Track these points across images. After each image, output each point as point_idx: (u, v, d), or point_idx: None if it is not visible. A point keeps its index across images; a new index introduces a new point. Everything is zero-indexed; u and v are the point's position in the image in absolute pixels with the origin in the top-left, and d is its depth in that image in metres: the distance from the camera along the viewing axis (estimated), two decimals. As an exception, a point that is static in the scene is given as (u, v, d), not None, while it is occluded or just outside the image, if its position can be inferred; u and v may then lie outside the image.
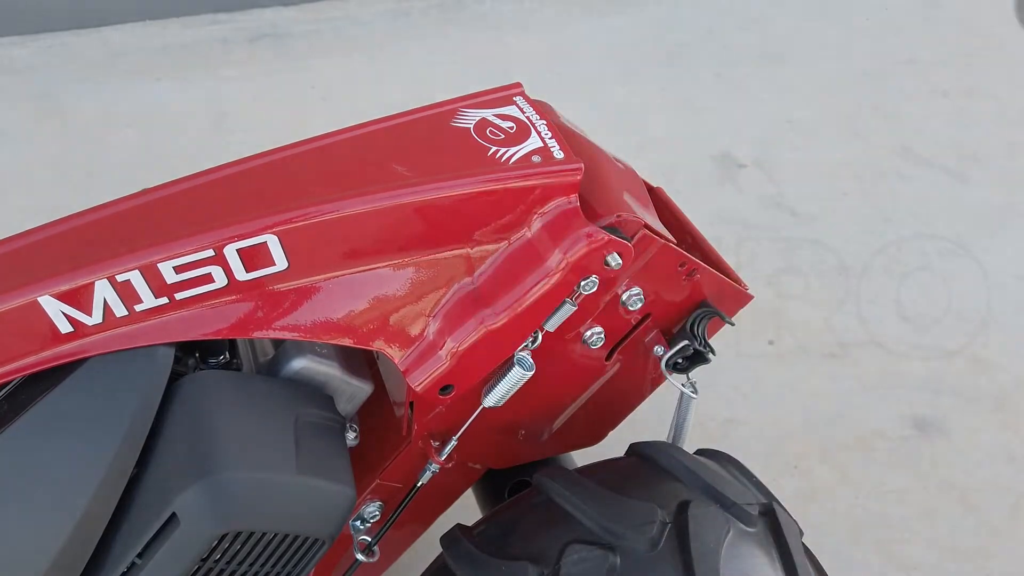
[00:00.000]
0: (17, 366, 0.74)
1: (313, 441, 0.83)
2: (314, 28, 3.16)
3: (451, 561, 0.90)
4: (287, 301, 0.79)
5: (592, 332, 0.93)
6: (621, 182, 0.94)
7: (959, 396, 1.95)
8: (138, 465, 0.76)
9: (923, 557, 1.69)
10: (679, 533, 0.83)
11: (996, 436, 1.90)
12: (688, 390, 0.99)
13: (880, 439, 1.89)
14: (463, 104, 0.88)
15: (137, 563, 0.75)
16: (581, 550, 0.82)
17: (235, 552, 0.78)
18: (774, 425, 1.89)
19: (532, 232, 0.83)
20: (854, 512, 1.76)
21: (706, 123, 2.80)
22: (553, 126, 0.86)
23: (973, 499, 1.79)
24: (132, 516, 0.75)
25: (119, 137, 2.60)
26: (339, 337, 0.82)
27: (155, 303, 0.75)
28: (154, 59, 2.94)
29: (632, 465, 0.98)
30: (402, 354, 0.84)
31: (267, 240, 0.75)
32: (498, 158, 0.81)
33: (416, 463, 1.01)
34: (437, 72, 2.96)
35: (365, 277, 0.80)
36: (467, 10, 3.27)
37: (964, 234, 2.38)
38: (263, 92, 2.83)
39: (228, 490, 0.74)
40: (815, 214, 2.47)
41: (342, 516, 0.84)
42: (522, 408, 0.99)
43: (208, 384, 0.80)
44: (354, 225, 0.77)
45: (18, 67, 2.87)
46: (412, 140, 0.84)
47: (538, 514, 0.91)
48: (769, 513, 0.92)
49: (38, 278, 0.71)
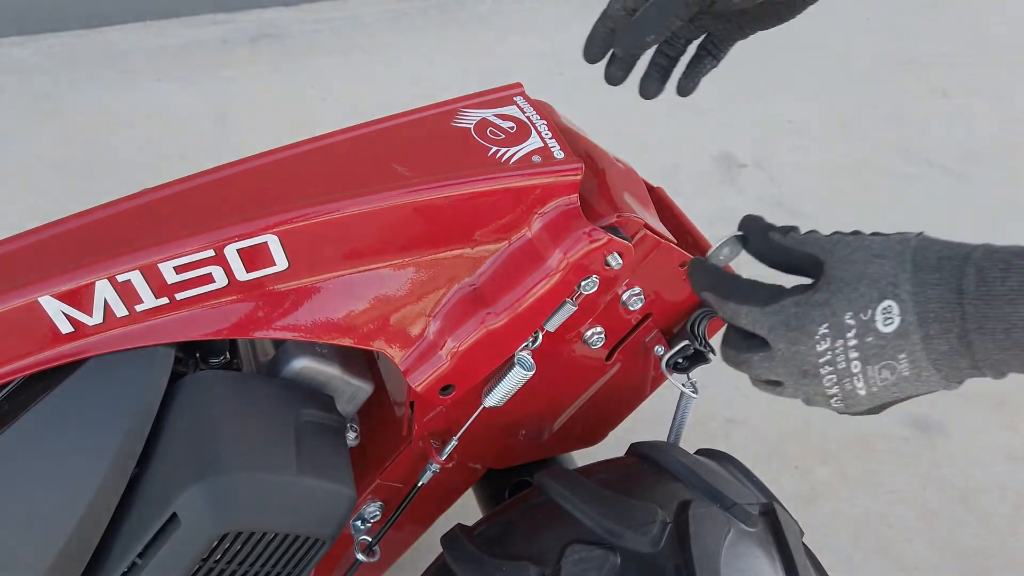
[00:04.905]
0: (17, 366, 0.74)
1: (313, 441, 0.83)
2: (314, 28, 3.16)
3: (451, 561, 0.90)
4: (287, 301, 0.79)
5: (592, 332, 0.93)
6: (621, 182, 0.94)
7: (959, 396, 1.94)
8: (139, 465, 0.76)
9: (923, 557, 1.69)
10: (679, 533, 0.83)
11: (996, 436, 1.90)
12: (688, 390, 0.99)
13: (880, 439, 1.90)
14: (463, 104, 0.88)
15: (137, 563, 0.75)
16: (581, 550, 0.82)
17: (236, 552, 0.78)
18: (774, 425, 1.89)
19: (532, 232, 0.83)
20: (854, 512, 1.76)
21: (706, 123, 2.80)
22: (553, 126, 0.86)
23: (973, 499, 1.79)
24: (132, 516, 0.75)
25: (119, 137, 2.60)
26: (339, 337, 0.82)
27: (156, 303, 0.75)
28: (154, 59, 2.95)
29: (632, 465, 0.98)
30: (402, 354, 0.84)
31: (267, 240, 0.75)
32: (498, 158, 0.81)
33: (416, 463, 1.01)
34: (437, 72, 2.96)
35: (365, 277, 0.81)
36: (467, 10, 3.27)
37: (964, 234, 2.37)
38: (263, 92, 2.83)
39: (229, 490, 0.74)
40: (815, 214, 2.47)
41: (343, 516, 0.84)
42: (522, 408, 0.99)
43: (209, 384, 0.80)
44: (354, 225, 0.77)
45: (19, 67, 2.87)
46: (412, 140, 0.84)
47: (538, 514, 0.91)
48: (769, 513, 0.92)
49: (38, 278, 0.71)
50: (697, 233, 1.05)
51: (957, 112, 2.89)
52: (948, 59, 3.13)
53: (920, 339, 0.58)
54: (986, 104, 2.93)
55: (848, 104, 2.90)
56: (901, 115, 2.87)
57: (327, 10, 3.24)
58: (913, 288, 0.58)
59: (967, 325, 0.56)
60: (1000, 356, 0.56)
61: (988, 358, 0.56)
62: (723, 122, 2.80)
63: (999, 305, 0.55)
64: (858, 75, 3.04)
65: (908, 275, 0.59)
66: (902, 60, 3.12)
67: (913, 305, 0.58)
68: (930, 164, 2.68)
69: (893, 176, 2.63)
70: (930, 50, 3.17)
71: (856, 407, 0.64)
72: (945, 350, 0.58)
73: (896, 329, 0.58)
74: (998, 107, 2.92)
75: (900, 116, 2.87)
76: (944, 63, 3.11)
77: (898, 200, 2.53)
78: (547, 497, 0.91)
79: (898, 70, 3.08)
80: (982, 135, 2.79)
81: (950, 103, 2.94)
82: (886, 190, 2.57)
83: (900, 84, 3.01)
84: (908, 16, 3.38)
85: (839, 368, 0.61)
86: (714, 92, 2.92)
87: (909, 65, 3.10)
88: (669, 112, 2.64)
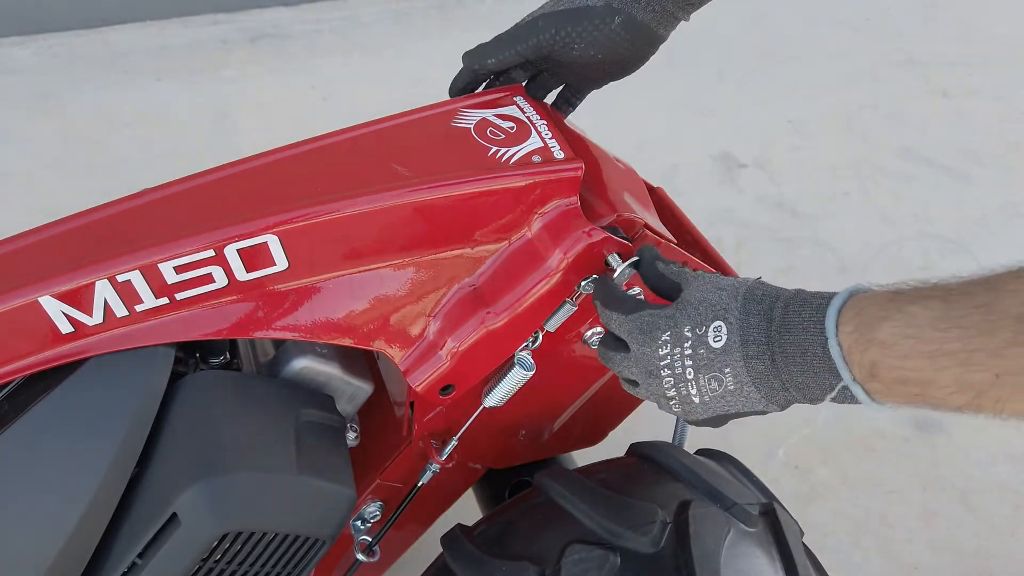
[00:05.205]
0: (17, 366, 0.74)
1: (314, 441, 0.83)
2: (314, 28, 3.16)
3: (451, 561, 0.90)
4: (287, 301, 0.79)
5: (592, 332, 0.93)
6: (621, 182, 0.94)
7: (959, 396, 1.94)
8: (139, 465, 0.76)
9: (923, 557, 1.69)
10: (679, 533, 0.83)
11: (996, 436, 1.90)
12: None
13: (880, 439, 1.90)
14: (463, 104, 0.88)
15: (138, 563, 0.75)
16: (581, 550, 0.82)
17: (236, 552, 0.78)
18: (774, 425, 1.89)
19: (532, 232, 0.83)
20: (854, 512, 1.76)
21: (706, 123, 2.80)
22: (553, 126, 0.86)
23: (973, 499, 1.79)
24: (133, 516, 0.75)
25: (119, 137, 2.60)
26: (339, 337, 0.82)
27: (156, 303, 0.75)
28: (154, 59, 2.94)
29: (632, 465, 0.98)
30: (402, 354, 0.84)
31: (267, 240, 0.75)
32: (498, 158, 0.81)
33: (416, 463, 1.01)
34: (437, 72, 2.95)
35: (365, 277, 0.81)
36: (467, 10, 3.27)
37: (964, 234, 2.38)
38: (263, 92, 2.83)
39: (229, 490, 0.74)
40: (815, 214, 2.47)
41: (343, 516, 0.84)
42: (523, 408, 0.99)
43: (209, 384, 0.80)
44: (354, 225, 0.77)
45: (19, 67, 2.87)
46: (412, 140, 0.84)
47: (538, 514, 0.91)
48: (769, 513, 0.92)
49: (38, 278, 0.71)
50: (697, 233, 1.05)
51: (957, 112, 2.89)
52: (948, 59, 3.13)
53: (741, 357, 0.68)
54: (986, 104, 2.93)
55: (848, 104, 2.90)
56: (901, 115, 2.87)
57: (327, 10, 3.24)
58: (740, 315, 0.69)
59: (774, 348, 0.67)
60: (802, 378, 0.66)
61: (793, 379, 0.67)
62: (723, 122, 2.80)
63: (797, 332, 0.66)
64: (858, 75, 3.04)
65: (738, 305, 0.70)
66: (902, 60, 3.12)
67: (738, 328, 0.69)
68: (930, 164, 2.68)
69: (893, 176, 2.63)
70: (930, 50, 3.17)
71: (694, 414, 0.74)
72: (761, 370, 0.68)
73: (723, 346, 0.69)
74: (998, 107, 2.92)
75: (900, 116, 2.86)
76: (944, 63, 3.11)
77: (898, 200, 2.53)
78: (547, 497, 0.91)
79: (898, 70, 3.08)
80: (982, 135, 2.79)
81: (950, 103, 2.94)
82: (886, 190, 2.57)
83: (900, 84, 3.01)
84: (908, 16, 3.37)
85: (676, 372, 0.72)
86: (714, 92, 2.94)
87: (909, 65, 3.10)
88: (669, 112, 2.65)
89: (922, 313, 0.59)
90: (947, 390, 0.59)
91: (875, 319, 0.61)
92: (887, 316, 0.61)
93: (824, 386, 0.65)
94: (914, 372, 0.59)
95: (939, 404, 0.60)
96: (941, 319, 0.58)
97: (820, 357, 0.65)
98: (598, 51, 0.86)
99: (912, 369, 0.59)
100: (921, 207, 2.49)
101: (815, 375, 0.65)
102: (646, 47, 0.88)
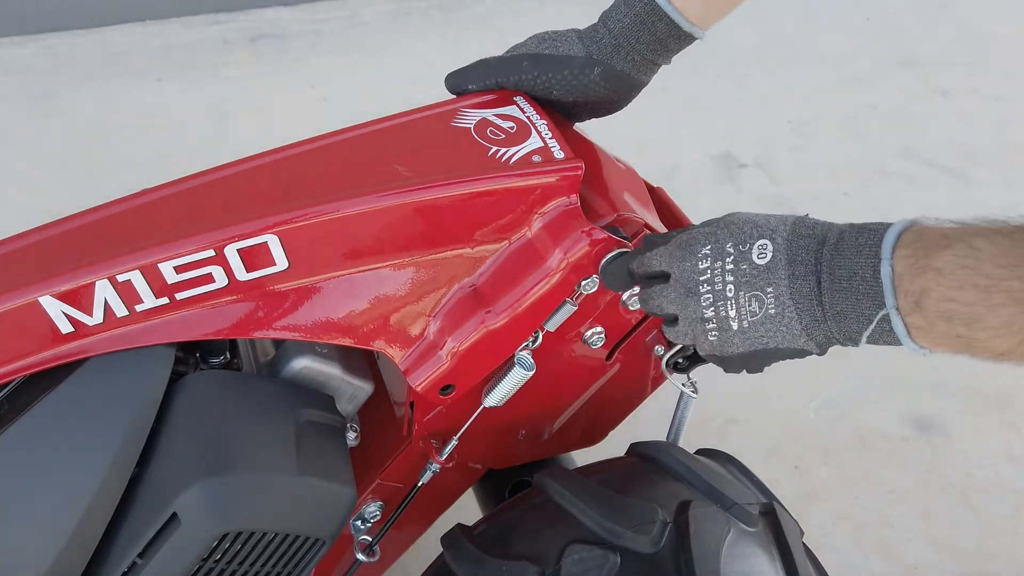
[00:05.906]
0: (18, 366, 0.74)
1: (314, 441, 0.83)
2: (314, 28, 3.16)
3: (451, 561, 0.90)
4: (287, 301, 0.79)
5: (592, 332, 0.93)
6: (621, 182, 0.94)
7: (959, 396, 1.95)
8: (139, 465, 0.76)
9: (923, 557, 1.69)
10: (679, 533, 0.83)
11: (996, 436, 1.90)
12: (688, 390, 0.99)
13: (880, 439, 1.89)
14: (463, 104, 0.88)
15: (138, 563, 0.75)
16: (582, 550, 0.82)
17: (236, 552, 0.78)
18: (774, 425, 1.89)
19: (532, 232, 0.83)
20: (854, 512, 1.76)
21: (707, 123, 2.80)
22: (553, 126, 0.86)
23: (973, 499, 1.79)
24: (133, 516, 0.75)
25: (119, 137, 2.60)
26: (339, 337, 0.82)
27: (156, 303, 0.75)
28: (154, 59, 2.94)
29: (632, 465, 0.98)
30: (402, 354, 0.84)
31: (268, 240, 0.75)
32: (498, 158, 0.82)
33: (417, 463, 1.01)
34: (437, 72, 2.95)
35: (365, 277, 0.81)
36: (467, 10, 3.27)
37: (964, 234, 2.37)
38: (263, 92, 2.83)
39: (229, 490, 0.74)
40: (815, 214, 2.46)
41: (343, 516, 0.84)
42: (523, 408, 0.99)
43: (209, 384, 0.80)
44: (354, 225, 0.77)
45: (18, 67, 2.87)
46: (412, 140, 0.84)
47: (538, 514, 0.91)
48: (769, 513, 0.92)
49: (39, 278, 0.71)
50: (697, 233, 1.05)
51: (957, 112, 2.89)
52: (948, 59, 3.13)
53: (786, 276, 0.67)
54: (986, 104, 2.93)
55: (848, 104, 2.90)
56: (901, 115, 2.87)
57: (327, 10, 3.24)
58: (788, 236, 0.68)
59: (821, 269, 0.66)
60: (843, 305, 0.64)
61: (834, 306, 0.65)
62: (723, 122, 2.80)
63: (849, 255, 0.65)
64: (858, 75, 3.04)
65: (787, 228, 0.69)
66: (902, 60, 3.12)
67: (785, 247, 0.68)
68: (930, 164, 2.68)
69: (893, 176, 2.63)
70: (930, 50, 3.17)
71: (730, 345, 0.71)
72: (806, 292, 0.66)
73: (768, 262, 0.67)
74: (998, 107, 2.91)
75: (900, 116, 2.86)
76: (944, 63, 3.11)
77: (898, 200, 2.53)
78: (547, 497, 0.91)
79: (898, 70, 3.08)
80: (982, 135, 2.79)
81: (950, 103, 2.94)
82: (886, 190, 2.57)
83: (900, 84, 3.01)
84: (908, 16, 3.37)
85: (715, 289, 0.70)
86: (714, 92, 2.94)
87: (909, 65, 3.10)
88: (669, 112, 2.64)
89: (987, 247, 0.57)
90: (994, 331, 0.57)
91: (935, 247, 0.60)
92: (949, 245, 0.59)
93: (863, 317, 0.63)
94: (964, 306, 0.57)
95: (980, 347, 0.58)
96: (1004, 255, 0.56)
97: (868, 281, 0.62)
98: (577, 97, 0.89)
99: (964, 302, 0.57)
100: (921, 207, 2.49)
101: (857, 302, 0.63)
102: (627, 92, 0.91)
